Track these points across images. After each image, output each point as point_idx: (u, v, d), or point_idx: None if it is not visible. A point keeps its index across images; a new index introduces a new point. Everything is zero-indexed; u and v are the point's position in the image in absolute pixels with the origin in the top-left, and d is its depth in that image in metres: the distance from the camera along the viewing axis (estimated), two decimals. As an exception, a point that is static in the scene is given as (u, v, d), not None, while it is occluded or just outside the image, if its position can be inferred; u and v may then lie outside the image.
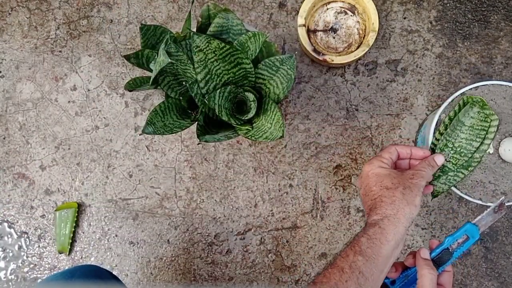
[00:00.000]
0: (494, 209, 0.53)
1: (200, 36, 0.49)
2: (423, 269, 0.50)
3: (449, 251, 0.52)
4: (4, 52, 0.79)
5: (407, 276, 0.52)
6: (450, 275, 0.53)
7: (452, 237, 0.52)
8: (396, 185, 0.51)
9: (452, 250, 0.52)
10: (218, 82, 0.53)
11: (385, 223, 0.49)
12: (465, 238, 0.52)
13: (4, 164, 0.78)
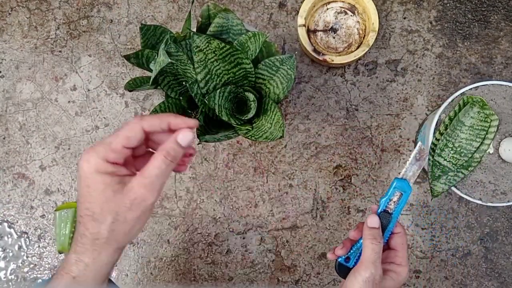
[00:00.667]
0: (416, 157, 0.51)
1: (200, 36, 0.49)
2: (365, 240, 0.49)
3: (388, 213, 0.51)
4: (4, 52, 0.78)
5: (358, 249, 0.51)
6: (401, 236, 0.51)
7: (385, 198, 0.51)
8: (105, 213, 0.39)
9: (391, 211, 0.51)
10: (218, 82, 0.53)
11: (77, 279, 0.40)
12: (399, 195, 0.51)
13: (4, 164, 0.78)
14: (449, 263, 0.72)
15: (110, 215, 0.39)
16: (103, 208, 0.39)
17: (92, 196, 0.38)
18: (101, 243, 0.40)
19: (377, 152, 0.73)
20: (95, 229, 0.39)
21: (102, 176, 0.38)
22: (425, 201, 0.73)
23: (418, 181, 0.73)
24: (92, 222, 0.39)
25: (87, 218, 0.39)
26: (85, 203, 0.39)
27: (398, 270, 0.49)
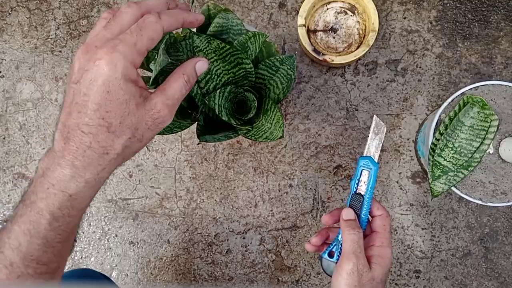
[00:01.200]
0: (374, 131, 0.49)
1: (200, 37, 0.49)
2: (343, 232, 0.47)
3: (360, 194, 0.49)
4: (4, 52, 0.78)
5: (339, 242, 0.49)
6: (382, 218, 0.48)
7: (353, 180, 0.49)
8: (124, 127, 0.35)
9: (363, 192, 0.49)
10: (218, 82, 0.53)
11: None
12: (367, 174, 0.49)
13: (4, 164, 0.78)
14: (449, 263, 0.72)
15: (129, 130, 0.36)
16: (122, 122, 0.35)
17: (111, 105, 0.34)
18: (110, 158, 0.36)
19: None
20: (108, 142, 0.35)
21: (128, 85, 0.35)
22: (425, 201, 0.73)
23: (418, 181, 0.73)
24: (106, 133, 0.34)
25: (101, 128, 0.34)
26: (100, 112, 0.34)
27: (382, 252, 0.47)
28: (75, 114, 0.34)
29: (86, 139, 0.34)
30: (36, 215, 0.35)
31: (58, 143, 0.35)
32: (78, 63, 0.35)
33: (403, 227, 0.73)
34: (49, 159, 0.36)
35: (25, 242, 0.35)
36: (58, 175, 0.35)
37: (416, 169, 0.73)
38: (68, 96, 0.35)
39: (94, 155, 0.35)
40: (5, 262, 0.35)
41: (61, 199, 0.35)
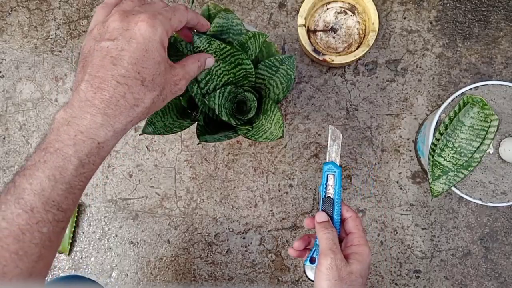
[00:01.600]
0: (332, 138, 0.53)
1: (200, 37, 0.49)
2: (318, 233, 0.50)
3: (330, 198, 0.52)
4: (4, 52, 0.78)
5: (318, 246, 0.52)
6: (353, 219, 0.51)
7: (321, 185, 0.53)
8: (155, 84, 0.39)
9: (332, 195, 0.52)
10: (218, 82, 0.53)
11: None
12: (333, 177, 0.52)
13: (4, 164, 0.78)
14: (449, 263, 0.72)
15: (158, 87, 0.39)
16: (154, 79, 0.38)
17: (148, 62, 0.37)
18: (139, 111, 0.38)
19: (377, 152, 0.73)
20: (140, 95, 0.38)
21: (162, 49, 0.39)
22: (425, 201, 0.73)
23: (418, 181, 0.73)
24: (140, 86, 0.37)
25: (136, 81, 0.37)
26: (137, 66, 0.37)
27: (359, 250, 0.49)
28: (110, 66, 0.36)
29: (121, 89, 0.36)
30: (63, 161, 0.36)
31: (87, 93, 0.36)
32: (116, 23, 0.37)
33: (403, 227, 0.73)
34: (72, 110, 0.37)
35: (48, 187, 0.36)
36: (88, 123, 0.36)
37: (416, 169, 0.73)
38: (99, 51, 0.37)
39: (126, 105, 0.37)
40: (26, 207, 0.35)
41: (90, 146, 0.36)
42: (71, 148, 0.36)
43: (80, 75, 0.38)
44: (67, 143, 0.36)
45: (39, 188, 0.36)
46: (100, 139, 0.37)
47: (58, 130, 0.37)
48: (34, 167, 0.36)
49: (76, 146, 0.36)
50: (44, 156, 0.36)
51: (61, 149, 0.36)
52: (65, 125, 0.37)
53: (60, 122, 0.37)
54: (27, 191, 0.36)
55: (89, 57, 0.38)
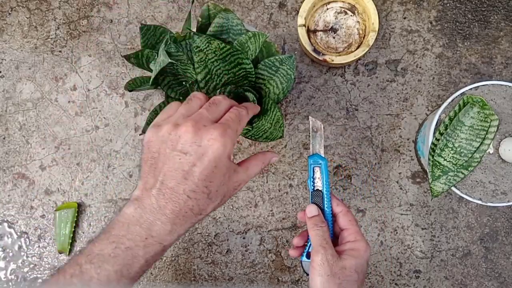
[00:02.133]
0: (313, 130, 0.53)
1: (200, 36, 0.49)
2: (309, 230, 0.50)
3: (319, 191, 0.52)
4: (4, 52, 0.79)
5: None
6: (345, 213, 0.51)
7: (309, 179, 0.52)
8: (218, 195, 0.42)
9: (321, 188, 0.52)
10: (218, 82, 0.53)
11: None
12: (319, 170, 0.52)
13: (4, 164, 0.78)
14: (449, 263, 0.72)
15: (220, 197, 0.42)
16: (218, 190, 0.42)
17: (215, 176, 0.41)
18: (200, 218, 0.42)
19: (377, 152, 0.73)
20: (204, 206, 0.41)
21: (229, 162, 0.42)
22: (425, 201, 0.73)
23: (418, 181, 0.73)
24: (206, 199, 0.41)
25: (203, 195, 0.41)
26: (206, 182, 0.40)
27: (355, 246, 0.49)
28: (181, 179, 0.40)
29: (190, 203, 0.40)
30: (132, 259, 0.40)
31: (159, 201, 0.40)
32: (189, 136, 0.41)
33: (403, 227, 0.73)
34: (144, 212, 0.40)
35: (114, 281, 0.39)
36: (158, 229, 0.40)
37: (416, 169, 0.73)
38: (170, 161, 0.41)
39: (192, 216, 0.41)
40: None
41: (157, 249, 0.40)
42: (141, 249, 0.40)
43: (151, 179, 0.41)
44: (138, 244, 0.40)
45: (105, 280, 0.39)
46: (166, 243, 0.41)
47: (129, 227, 0.40)
48: (103, 258, 0.39)
49: (146, 248, 0.40)
50: (114, 250, 0.39)
51: (132, 248, 0.39)
52: (137, 225, 0.40)
53: (131, 220, 0.40)
54: (94, 280, 0.38)
55: (159, 161, 0.42)
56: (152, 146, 0.43)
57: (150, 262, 0.41)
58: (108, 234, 0.41)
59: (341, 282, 0.46)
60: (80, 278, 0.39)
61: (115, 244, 0.40)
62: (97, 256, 0.39)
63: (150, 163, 0.42)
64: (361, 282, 0.48)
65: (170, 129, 0.42)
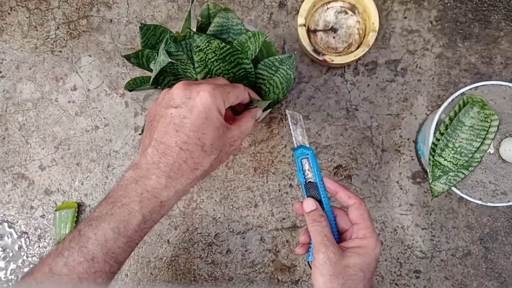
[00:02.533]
0: (293, 122, 0.52)
1: (200, 36, 0.49)
2: (308, 226, 0.47)
3: (312, 183, 0.50)
4: (4, 52, 0.78)
5: None
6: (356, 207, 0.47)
7: (299, 173, 0.51)
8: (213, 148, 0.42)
9: (313, 179, 0.50)
10: (218, 82, 0.53)
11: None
12: (307, 161, 0.51)
13: (4, 164, 0.78)
14: (449, 263, 0.72)
15: (216, 151, 0.42)
16: (213, 144, 0.42)
17: (207, 129, 0.41)
18: (198, 174, 0.42)
19: (377, 152, 0.73)
20: (199, 159, 0.41)
21: (219, 116, 0.42)
22: (425, 201, 0.73)
23: (418, 181, 0.73)
24: (200, 152, 0.41)
25: (196, 147, 0.41)
26: (198, 133, 0.41)
27: (363, 243, 0.46)
28: (173, 132, 0.40)
29: (183, 155, 0.40)
30: (128, 215, 0.39)
31: (153, 157, 0.41)
32: (179, 91, 0.42)
33: (403, 227, 0.73)
34: (140, 170, 0.41)
35: (111, 239, 0.38)
36: (153, 183, 0.40)
37: (416, 169, 0.73)
38: (163, 118, 0.41)
39: (187, 169, 0.41)
40: (88, 256, 0.38)
41: (154, 204, 0.40)
42: (137, 204, 0.39)
43: (147, 140, 0.42)
44: (133, 199, 0.40)
45: (102, 239, 0.38)
46: (163, 198, 0.40)
47: (126, 187, 0.40)
48: (101, 219, 0.39)
49: (142, 203, 0.40)
50: (111, 209, 0.39)
51: (128, 204, 0.39)
52: (133, 183, 0.40)
53: (129, 180, 0.41)
54: (91, 240, 0.38)
55: (154, 122, 0.43)
56: (150, 112, 0.44)
57: (147, 218, 0.40)
58: (107, 198, 0.41)
59: (345, 282, 0.43)
60: (78, 241, 0.38)
61: (112, 204, 0.40)
62: (95, 218, 0.39)
63: (148, 126, 0.43)
64: (369, 281, 0.46)
65: (164, 92, 0.44)
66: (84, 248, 0.38)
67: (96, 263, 0.38)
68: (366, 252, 0.45)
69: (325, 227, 0.46)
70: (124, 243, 0.40)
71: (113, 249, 0.39)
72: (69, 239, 0.39)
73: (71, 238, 0.39)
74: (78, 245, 0.38)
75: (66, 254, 0.38)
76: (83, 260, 0.38)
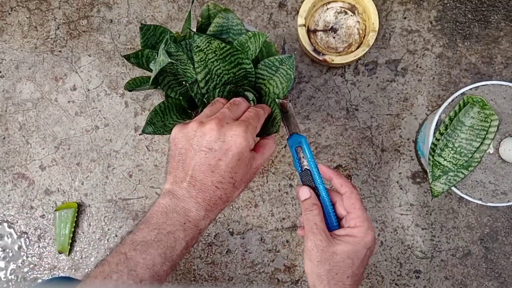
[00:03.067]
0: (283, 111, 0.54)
1: (200, 36, 0.49)
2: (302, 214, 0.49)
3: (307, 170, 0.51)
4: (4, 52, 0.78)
5: None
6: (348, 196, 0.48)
7: (295, 161, 0.52)
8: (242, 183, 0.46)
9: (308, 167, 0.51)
10: (218, 82, 0.53)
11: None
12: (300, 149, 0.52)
13: (4, 164, 0.78)
14: (449, 263, 0.72)
15: (244, 183, 0.46)
16: (242, 179, 0.45)
17: (239, 168, 0.44)
18: (227, 204, 0.46)
19: (377, 152, 0.73)
20: (230, 194, 0.45)
21: (250, 153, 0.45)
22: (425, 201, 0.73)
23: (418, 181, 0.73)
24: (232, 188, 0.45)
25: (229, 185, 0.44)
26: (231, 173, 0.44)
27: (353, 232, 0.47)
28: (209, 173, 0.44)
29: (219, 193, 0.44)
30: (174, 242, 0.43)
31: (190, 192, 0.44)
32: (213, 133, 0.44)
33: (403, 227, 0.73)
34: (178, 201, 0.44)
35: (159, 263, 0.42)
36: (194, 215, 0.44)
37: (416, 169, 0.73)
38: (197, 157, 0.44)
39: (220, 202, 0.45)
40: (136, 279, 0.41)
41: (194, 232, 0.45)
42: (181, 232, 0.43)
43: (181, 173, 0.45)
44: (178, 228, 0.43)
45: (151, 263, 0.41)
46: (201, 227, 0.45)
47: (167, 215, 0.43)
48: (147, 244, 0.42)
49: (185, 232, 0.44)
50: (157, 236, 0.42)
51: (173, 232, 0.43)
52: (174, 213, 0.43)
53: (168, 208, 0.44)
54: (139, 265, 0.41)
55: (187, 157, 0.45)
56: (178, 143, 0.46)
57: (189, 244, 0.44)
58: (148, 223, 0.43)
59: (331, 268, 0.45)
60: (126, 264, 0.41)
61: (157, 231, 0.42)
62: (140, 243, 0.42)
63: (178, 158, 0.45)
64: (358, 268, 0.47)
65: (195, 126, 0.45)
66: (133, 272, 0.41)
67: (144, 286, 0.41)
68: (355, 241, 0.47)
69: (316, 216, 0.48)
70: (169, 266, 0.43)
71: (159, 272, 0.42)
72: (115, 262, 0.41)
73: (118, 261, 0.41)
74: (127, 269, 0.41)
75: (115, 276, 0.40)
76: (132, 283, 0.40)
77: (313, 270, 0.46)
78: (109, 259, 0.42)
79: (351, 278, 0.46)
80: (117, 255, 0.42)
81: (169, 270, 0.43)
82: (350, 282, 0.46)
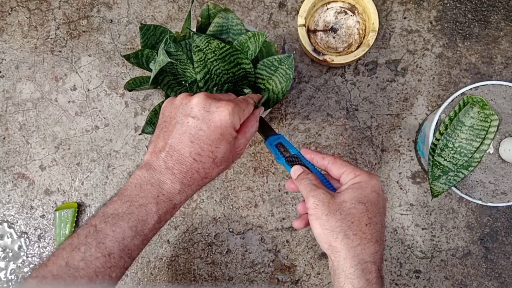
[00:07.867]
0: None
1: (200, 36, 0.49)
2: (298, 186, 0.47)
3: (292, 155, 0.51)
4: (4, 52, 0.79)
5: None
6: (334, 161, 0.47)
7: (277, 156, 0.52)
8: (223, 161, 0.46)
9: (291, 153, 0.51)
10: (218, 82, 0.53)
11: None
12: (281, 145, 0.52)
13: (4, 164, 0.78)
14: (449, 263, 0.72)
15: (224, 163, 0.45)
16: (223, 156, 0.44)
17: (220, 143, 0.43)
18: (206, 181, 0.45)
19: (377, 152, 0.73)
20: (209, 169, 0.44)
21: (233, 132, 0.45)
22: (425, 201, 0.73)
23: (418, 181, 0.73)
24: (211, 164, 0.44)
25: (208, 159, 0.43)
26: (211, 147, 0.43)
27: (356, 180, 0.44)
28: (188, 142, 0.43)
29: (196, 165, 0.43)
30: (146, 215, 0.41)
31: (167, 162, 0.43)
32: (199, 102, 0.43)
33: (403, 227, 0.73)
34: (154, 172, 0.43)
35: (129, 237, 0.41)
36: (168, 187, 0.43)
37: (416, 169, 0.73)
38: (179, 125, 0.44)
39: (198, 178, 0.44)
40: (105, 252, 0.39)
41: (168, 206, 0.43)
42: (154, 206, 0.42)
43: (160, 142, 0.44)
44: (150, 201, 0.42)
45: (120, 236, 0.40)
46: (176, 202, 0.43)
47: (141, 187, 0.42)
48: (118, 217, 0.41)
49: (158, 205, 0.42)
50: (128, 208, 0.41)
51: (146, 205, 0.42)
52: (148, 185, 0.42)
53: (143, 180, 0.43)
54: (109, 237, 0.40)
55: (169, 125, 0.44)
56: (165, 111, 0.46)
57: (162, 219, 0.43)
58: (121, 195, 0.42)
59: (344, 217, 0.41)
60: (95, 237, 0.40)
61: (129, 203, 0.41)
62: (111, 215, 0.41)
63: (161, 127, 0.45)
64: (376, 215, 0.42)
65: (184, 96, 0.45)
66: (102, 244, 0.39)
67: (112, 259, 0.40)
68: (360, 185, 0.43)
69: (313, 179, 0.46)
70: (140, 241, 0.41)
71: (129, 246, 0.41)
72: (84, 234, 0.40)
73: (87, 233, 0.40)
74: (95, 241, 0.40)
75: (83, 249, 0.39)
76: (100, 256, 0.39)
77: (324, 226, 0.41)
78: (79, 231, 0.41)
79: (371, 226, 0.41)
80: (87, 227, 0.41)
81: (141, 244, 0.42)
82: (370, 231, 0.41)
